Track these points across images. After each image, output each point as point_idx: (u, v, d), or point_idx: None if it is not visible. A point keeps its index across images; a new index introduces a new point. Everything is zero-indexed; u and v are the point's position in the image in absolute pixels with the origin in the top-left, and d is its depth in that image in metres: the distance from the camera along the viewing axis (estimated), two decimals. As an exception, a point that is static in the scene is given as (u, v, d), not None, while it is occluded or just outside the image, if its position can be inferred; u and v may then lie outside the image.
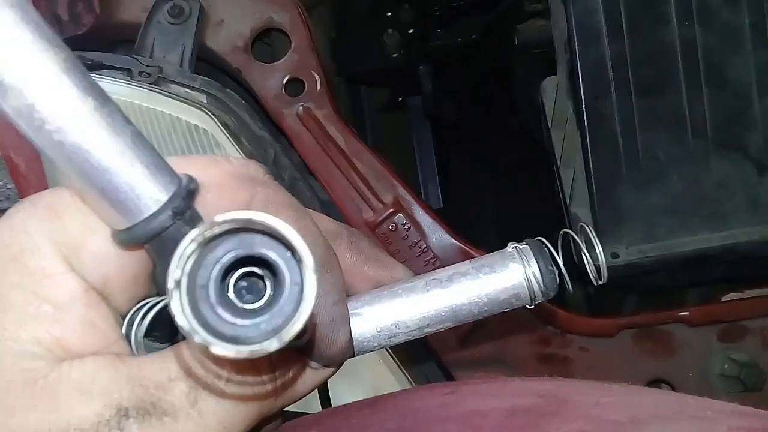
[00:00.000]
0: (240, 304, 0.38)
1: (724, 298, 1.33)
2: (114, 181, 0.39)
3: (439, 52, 1.78)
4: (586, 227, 0.63)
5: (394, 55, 1.70)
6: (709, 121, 1.26)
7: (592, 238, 0.61)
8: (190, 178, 0.42)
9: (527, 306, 0.56)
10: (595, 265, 0.62)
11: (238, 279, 0.39)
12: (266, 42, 1.49)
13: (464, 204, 2.02)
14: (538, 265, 0.54)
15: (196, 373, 0.42)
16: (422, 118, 2.00)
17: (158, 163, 0.40)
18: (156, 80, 1.32)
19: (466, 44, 1.76)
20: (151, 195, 0.40)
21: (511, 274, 0.54)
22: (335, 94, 1.42)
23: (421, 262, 1.31)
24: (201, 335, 0.35)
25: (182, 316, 0.35)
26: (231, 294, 0.39)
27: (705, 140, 1.27)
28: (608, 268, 1.35)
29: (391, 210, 1.31)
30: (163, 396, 0.40)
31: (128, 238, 0.40)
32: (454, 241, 1.32)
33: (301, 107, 1.34)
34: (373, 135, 1.95)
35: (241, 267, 0.39)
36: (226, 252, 0.37)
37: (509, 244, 0.56)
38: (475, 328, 1.33)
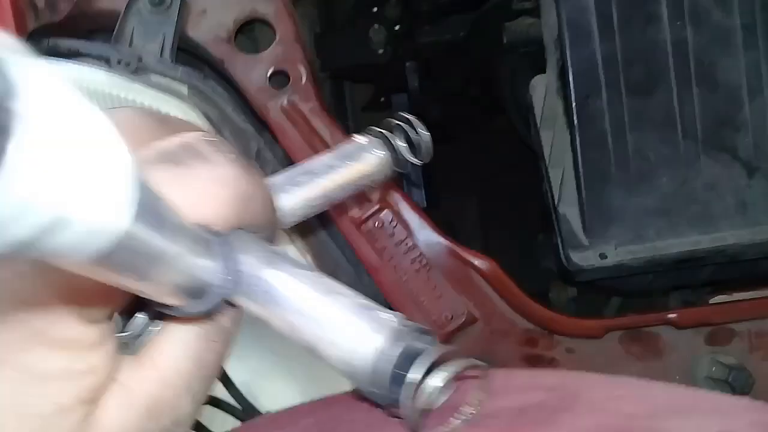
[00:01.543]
0: None
1: (711, 301, 1.32)
2: None
3: (426, 49, 1.75)
4: (400, 121, 0.68)
5: (380, 51, 1.67)
6: (700, 122, 1.25)
7: (415, 126, 0.68)
8: None
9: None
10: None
11: None
12: (250, 35, 1.45)
13: (447, 204, 2.00)
14: (389, 152, 0.65)
15: None
16: (406, 118, 1.97)
17: None
18: (135, 70, 1.28)
19: (454, 42, 1.73)
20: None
21: (370, 162, 0.64)
22: (321, 87, 1.39)
23: (408, 260, 1.29)
24: None
25: None
26: None
27: (695, 142, 1.25)
28: (596, 269, 1.34)
29: (378, 206, 1.28)
30: None
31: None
32: (441, 239, 1.29)
33: (285, 100, 1.31)
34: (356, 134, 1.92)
35: None
36: None
37: (359, 137, 0.66)
38: (459, 329, 1.31)
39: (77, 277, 0.30)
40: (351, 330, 0.40)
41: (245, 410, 1.32)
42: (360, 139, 0.65)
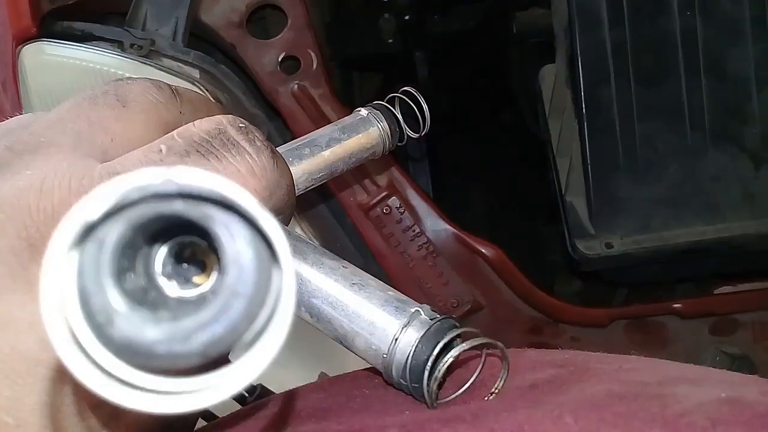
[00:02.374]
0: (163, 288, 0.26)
1: (716, 291, 1.33)
2: None
3: (436, 39, 1.76)
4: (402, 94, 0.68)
5: (390, 40, 1.68)
6: (708, 113, 1.26)
7: (419, 99, 0.69)
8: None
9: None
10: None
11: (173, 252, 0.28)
12: (261, 24, 1.46)
13: (454, 195, 2.01)
14: (389, 126, 0.65)
15: None
16: (414, 109, 1.98)
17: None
18: (148, 53, 1.29)
19: (463, 32, 1.74)
20: None
21: (371, 135, 0.65)
22: (331, 75, 1.39)
23: (415, 247, 1.29)
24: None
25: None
26: (158, 269, 0.27)
27: (703, 132, 1.26)
28: (602, 258, 1.34)
29: (386, 193, 1.29)
30: None
31: None
32: (448, 227, 1.30)
33: (296, 85, 1.32)
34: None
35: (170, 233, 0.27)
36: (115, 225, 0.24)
37: (361, 110, 0.66)
38: (465, 315, 1.31)
39: None
40: (379, 322, 0.42)
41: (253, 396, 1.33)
42: (361, 111, 0.65)
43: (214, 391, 0.23)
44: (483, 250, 1.31)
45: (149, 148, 0.36)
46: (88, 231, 0.24)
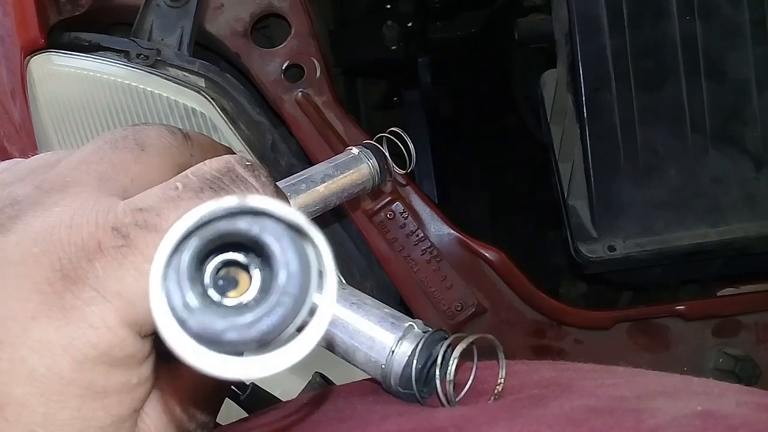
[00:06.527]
0: (218, 298, 0.32)
1: (719, 293, 1.33)
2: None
3: (438, 45, 1.78)
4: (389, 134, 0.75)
5: (393, 47, 1.70)
6: (708, 116, 1.26)
7: (405, 138, 0.76)
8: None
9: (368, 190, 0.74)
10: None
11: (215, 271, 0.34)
12: (265, 32, 1.48)
13: (459, 200, 2.02)
14: (378, 163, 0.71)
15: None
16: (418, 114, 1.99)
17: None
18: (154, 63, 1.31)
19: (466, 38, 1.76)
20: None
21: (362, 171, 0.71)
22: (334, 82, 1.41)
23: (419, 251, 1.31)
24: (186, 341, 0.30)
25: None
26: (208, 281, 0.33)
27: (703, 135, 1.26)
28: (605, 261, 1.35)
29: (389, 198, 1.30)
30: None
31: None
32: (452, 231, 1.31)
33: (300, 93, 1.34)
34: (369, 131, 1.94)
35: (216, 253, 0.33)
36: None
37: (352, 148, 0.72)
38: (469, 318, 1.33)
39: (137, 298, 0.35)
40: (377, 336, 0.47)
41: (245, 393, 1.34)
42: (353, 150, 0.71)
43: (268, 366, 0.30)
44: (486, 254, 1.33)
45: (167, 185, 0.39)
46: (179, 242, 0.30)
